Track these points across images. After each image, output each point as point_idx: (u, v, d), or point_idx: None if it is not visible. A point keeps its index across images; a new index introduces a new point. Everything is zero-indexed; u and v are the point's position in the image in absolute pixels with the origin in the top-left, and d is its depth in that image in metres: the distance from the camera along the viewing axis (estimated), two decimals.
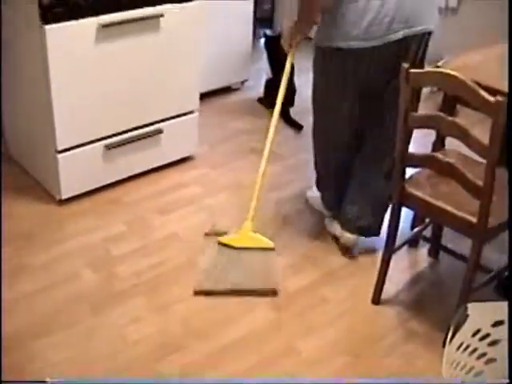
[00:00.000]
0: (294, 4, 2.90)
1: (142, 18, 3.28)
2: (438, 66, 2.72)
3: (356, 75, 2.83)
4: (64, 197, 3.37)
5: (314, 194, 3.48)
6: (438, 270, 3.13)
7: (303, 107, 4.13)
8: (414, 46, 2.83)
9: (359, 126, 3.03)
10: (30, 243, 3.09)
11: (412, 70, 2.41)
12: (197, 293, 2.86)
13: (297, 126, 4.30)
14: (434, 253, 3.17)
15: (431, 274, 3.12)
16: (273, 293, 2.89)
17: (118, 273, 2.97)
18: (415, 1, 2.75)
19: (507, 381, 2.07)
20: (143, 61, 3.39)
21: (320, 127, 3.15)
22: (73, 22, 3.06)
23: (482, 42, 3.14)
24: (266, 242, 3.07)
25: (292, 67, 4.36)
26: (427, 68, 2.67)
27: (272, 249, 3.06)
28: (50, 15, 2.98)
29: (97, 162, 3.41)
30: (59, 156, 3.26)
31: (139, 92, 3.44)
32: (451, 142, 2.63)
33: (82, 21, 3.08)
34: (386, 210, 3.08)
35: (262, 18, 6.01)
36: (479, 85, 2.30)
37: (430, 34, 2.86)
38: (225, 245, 3.07)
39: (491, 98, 2.21)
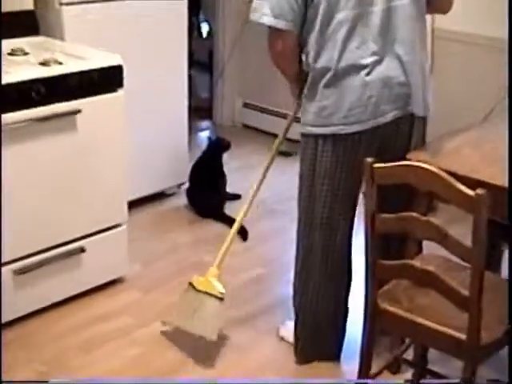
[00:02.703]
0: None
1: (56, 116, 3.35)
2: (405, 158, 2.81)
3: (342, 164, 2.99)
4: None
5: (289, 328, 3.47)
6: None
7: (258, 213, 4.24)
8: (406, 130, 3.04)
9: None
10: None
11: (377, 165, 2.49)
12: (163, 322, 3.53)
13: (241, 231, 4.35)
14: (419, 378, 3.16)
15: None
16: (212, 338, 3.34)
17: None
18: (406, 80, 2.96)
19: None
20: (58, 166, 3.44)
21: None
22: None
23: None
24: (218, 291, 3.37)
25: (223, 174, 4.58)
26: None
27: (221, 299, 3.36)
28: None
29: (4, 290, 3.38)
30: None
31: (54, 204, 3.48)
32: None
33: None
34: None
35: (199, 108, 6.16)
36: (455, 176, 2.38)
37: (424, 119, 3.09)
38: (192, 285, 3.44)
39: (470, 192, 2.29)
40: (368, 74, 2.91)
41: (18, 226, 3.36)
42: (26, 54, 3.61)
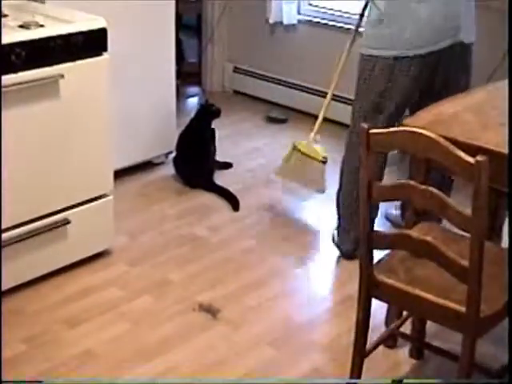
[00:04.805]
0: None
1: (37, 81, 3.32)
2: (402, 124, 2.81)
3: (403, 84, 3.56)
4: None
5: None
6: (423, 375, 3.15)
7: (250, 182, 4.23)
8: (457, 56, 3.57)
9: None
10: None
11: (373, 131, 2.47)
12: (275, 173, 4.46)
13: (232, 201, 4.38)
14: (416, 353, 3.19)
15: (416, 379, 3.13)
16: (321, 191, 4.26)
17: None
18: (458, 12, 3.50)
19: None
20: (40, 134, 3.43)
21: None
22: None
23: None
24: (321, 156, 4.18)
25: (213, 142, 4.57)
26: None
27: (324, 162, 4.17)
28: None
29: None
30: None
31: (37, 174, 3.47)
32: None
33: None
34: None
35: (187, 73, 6.13)
36: (455, 143, 2.37)
37: (470, 46, 3.64)
38: (296, 148, 4.26)
39: (470, 159, 2.28)
40: (426, 8, 3.41)
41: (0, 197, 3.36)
42: (4, 16, 3.56)
